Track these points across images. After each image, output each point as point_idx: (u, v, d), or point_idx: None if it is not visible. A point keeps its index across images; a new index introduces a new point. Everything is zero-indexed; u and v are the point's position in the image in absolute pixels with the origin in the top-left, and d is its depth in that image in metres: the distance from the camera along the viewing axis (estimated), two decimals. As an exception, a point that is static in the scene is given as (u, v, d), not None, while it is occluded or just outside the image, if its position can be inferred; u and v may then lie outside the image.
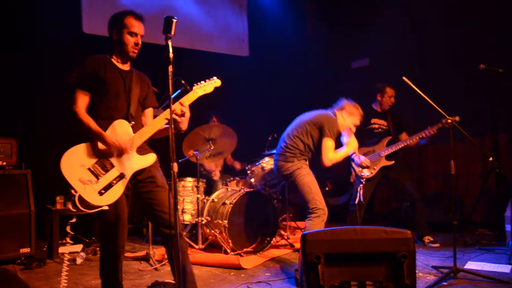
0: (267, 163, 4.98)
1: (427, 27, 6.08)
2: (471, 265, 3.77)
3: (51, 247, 4.34)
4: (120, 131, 2.60)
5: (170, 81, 2.41)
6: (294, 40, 7.33)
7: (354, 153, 4.46)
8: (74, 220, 4.36)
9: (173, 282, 3.26)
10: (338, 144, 3.94)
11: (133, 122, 2.66)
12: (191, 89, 2.90)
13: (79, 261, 4.13)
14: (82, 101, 2.55)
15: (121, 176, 2.54)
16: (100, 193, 2.46)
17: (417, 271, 3.54)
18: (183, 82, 4.16)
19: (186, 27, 6.23)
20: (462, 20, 5.68)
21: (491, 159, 4.56)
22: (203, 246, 4.54)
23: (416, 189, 4.81)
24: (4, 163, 4.12)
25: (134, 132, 2.65)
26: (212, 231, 4.47)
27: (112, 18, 2.75)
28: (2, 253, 3.97)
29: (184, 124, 2.68)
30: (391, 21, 6.47)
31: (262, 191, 4.77)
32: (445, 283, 3.28)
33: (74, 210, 2.47)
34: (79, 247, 4.49)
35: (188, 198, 4.96)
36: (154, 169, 2.74)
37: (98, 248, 4.38)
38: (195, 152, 4.70)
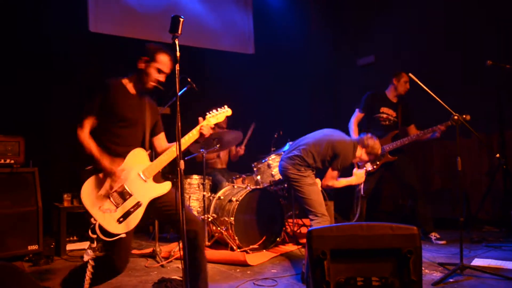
0: (273, 160, 4.99)
1: (433, 24, 6.04)
2: (477, 262, 3.76)
3: (59, 244, 4.38)
4: (138, 159, 2.63)
5: (177, 79, 2.43)
6: (300, 37, 7.32)
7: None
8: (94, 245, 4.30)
9: (180, 278, 3.29)
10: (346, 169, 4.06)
11: (149, 150, 2.71)
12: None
13: (86, 258, 4.14)
14: (88, 123, 2.57)
15: (138, 205, 2.56)
16: (119, 221, 2.49)
17: (423, 268, 3.52)
18: (189, 80, 4.17)
19: (192, 25, 6.23)
20: (469, 16, 5.64)
21: (498, 155, 4.53)
22: (209, 243, 4.56)
23: (418, 185, 4.79)
24: (12, 161, 4.16)
25: (151, 160, 2.69)
26: (219, 228, 4.49)
27: (146, 46, 2.74)
28: (11, 250, 4.01)
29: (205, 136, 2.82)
30: (397, 18, 6.45)
31: (268, 188, 4.77)
32: (451, 280, 3.27)
33: (93, 237, 2.47)
34: (86, 244, 4.51)
35: (194, 195, 4.98)
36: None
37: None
38: (201, 150, 4.72)
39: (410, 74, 3.64)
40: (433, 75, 5.20)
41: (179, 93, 2.47)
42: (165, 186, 2.68)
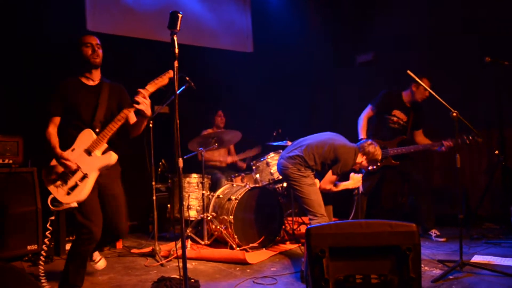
0: (272, 158, 4.98)
1: (432, 21, 6.03)
2: (477, 259, 3.76)
3: (58, 244, 4.37)
4: (85, 138, 3.03)
5: (175, 76, 2.42)
6: (298, 36, 7.30)
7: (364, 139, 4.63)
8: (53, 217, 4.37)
9: (179, 277, 3.28)
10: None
11: (97, 129, 3.06)
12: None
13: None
14: (53, 123, 3.10)
15: (84, 177, 2.96)
16: (68, 193, 2.94)
17: (422, 265, 3.53)
18: (187, 78, 4.16)
19: (190, 24, 6.23)
20: (467, 13, 5.63)
21: (497, 152, 4.53)
22: (208, 242, 4.56)
23: (424, 181, 4.80)
24: (11, 161, 4.15)
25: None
26: (218, 227, 4.49)
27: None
28: (10, 250, 4.00)
29: (147, 110, 3.00)
30: (396, 15, 6.43)
31: (267, 186, 4.77)
32: (451, 277, 3.27)
33: (52, 208, 2.95)
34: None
35: (194, 194, 4.98)
36: (114, 175, 3.23)
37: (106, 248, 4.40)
38: (200, 149, 4.71)
39: (409, 72, 3.63)
40: (432, 72, 5.18)
41: (178, 92, 2.47)
42: (109, 156, 3.03)
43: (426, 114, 4.97)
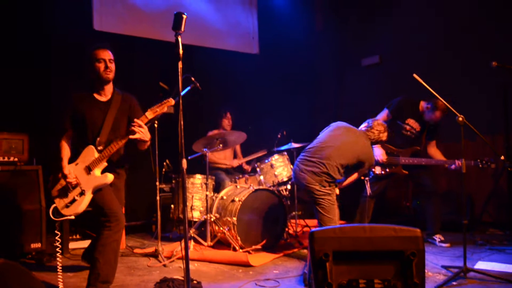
0: (277, 160, 4.98)
1: (438, 24, 6.01)
2: (481, 265, 3.74)
3: (62, 242, 4.37)
4: (87, 154, 3.12)
5: (180, 77, 2.42)
6: (304, 37, 7.30)
7: (378, 146, 4.58)
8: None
9: (182, 278, 3.28)
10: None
11: (100, 147, 3.13)
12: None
13: (89, 256, 4.16)
14: (67, 136, 3.23)
15: (82, 193, 3.08)
16: (67, 206, 3.09)
17: (426, 271, 3.51)
18: (193, 79, 4.17)
19: (196, 25, 6.24)
20: (474, 17, 5.61)
21: (502, 157, 4.50)
22: (211, 243, 4.56)
23: (432, 185, 4.77)
24: (16, 159, 4.17)
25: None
26: (221, 228, 4.48)
27: (86, 58, 3.19)
28: (14, 248, 4.01)
29: (145, 135, 3.06)
30: (402, 17, 6.42)
31: (271, 188, 4.76)
32: (454, 283, 3.26)
33: (53, 218, 3.12)
34: (87, 243, 4.52)
35: (197, 195, 4.98)
36: (120, 185, 3.39)
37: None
38: (204, 149, 4.71)
39: (415, 75, 3.61)
40: (439, 76, 5.16)
41: (182, 93, 2.47)
42: (104, 178, 3.11)
43: (440, 127, 4.88)
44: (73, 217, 3.13)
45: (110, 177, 3.13)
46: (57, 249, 3.17)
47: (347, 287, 2.13)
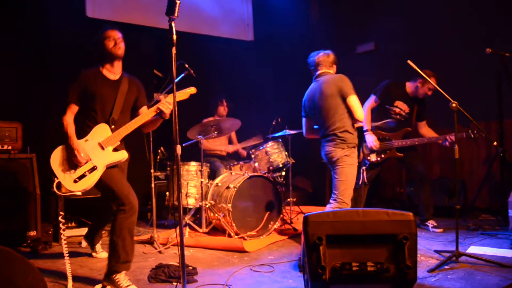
0: (271, 147, 4.99)
1: (432, 11, 6.00)
2: (473, 250, 3.78)
3: (57, 230, 4.39)
4: (100, 132, 3.09)
5: (173, 63, 2.42)
6: (299, 24, 7.27)
7: (369, 130, 4.55)
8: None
9: (177, 264, 3.31)
10: None
11: (113, 126, 3.12)
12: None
13: (84, 244, 4.18)
14: (71, 111, 3.13)
15: (94, 168, 3.01)
16: (75, 181, 2.98)
17: (419, 255, 3.55)
18: (186, 66, 4.14)
19: (190, 11, 6.19)
20: (470, 2, 5.60)
21: (495, 143, 4.54)
22: (207, 230, 4.58)
23: (425, 172, 4.81)
24: (10, 147, 4.14)
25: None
26: (216, 215, 4.50)
27: (93, 43, 3.21)
28: (9, 236, 4.01)
29: (168, 113, 3.07)
30: (396, 4, 6.40)
31: (266, 175, 4.78)
32: (447, 267, 3.30)
33: (58, 193, 2.98)
34: (84, 231, 4.53)
35: (192, 182, 4.99)
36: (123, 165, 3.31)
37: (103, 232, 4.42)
38: (199, 136, 4.71)
39: (409, 62, 3.61)
40: (433, 62, 5.17)
41: (176, 80, 2.46)
42: (121, 154, 3.12)
43: (426, 105, 4.96)
44: (80, 193, 3.10)
45: (125, 154, 3.15)
46: (61, 230, 3.12)
47: (340, 270, 2.16)
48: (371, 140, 4.62)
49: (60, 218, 3.15)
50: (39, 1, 5.11)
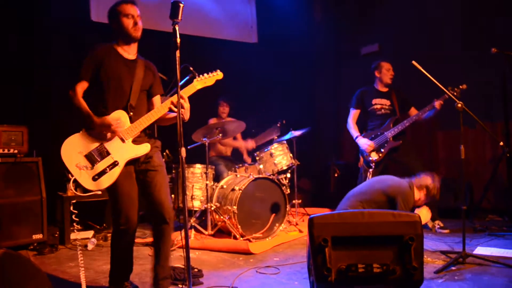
0: (276, 149, 4.99)
1: (437, 11, 5.98)
2: (480, 251, 3.76)
3: (63, 233, 4.40)
4: (117, 121, 2.67)
5: (177, 66, 2.42)
6: (303, 26, 7.27)
7: (358, 136, 4.66)
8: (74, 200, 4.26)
9: (182, 266, 3.31)
10: None
11: (131, 113, 2.72)
12: (198, 76, 2.95)
13: (90, 246, 4.19)
14: (81, 87, 2.67)
15: (115, 164, 2.64)
16: (94, 179, 2.60)
17: (425, 256, 3.54)
18: (191, 69, 4.14)
19: (194, 14, 6.21)
20: (474, 3, 5.58)
21: (501, 143, 4.51)
22: (212, 232, 4.58)
23: (423, 169, 4.78)
24: (16, 151, 4.17)
25: (132, 122, 2.72)
26: (221, 217, 4.50)
27: (108, 13, 2.87)
28: (16, 239, 4.03)
29: (186, 114, 2.72)
30: (400, 5, 6.38)
31: (271, 177, 4.78)
32: (453, 268, 3.28)
33: (73, 192, 2.68)
34: (90, 233, 4.55)
35: (197, 184, 4.99)
36: (153, 152, 2.84)
37: (109, 234, 4.43)
38: (203, 139, 4.72)
39: (414, 62, 3.60)
40: (437, 63, 5.14)
41: (181, 83, 2.47)
42: (144, 148, 2.74)
43: (416, 101, 4.99)
44: (100, 192, 2.84)
45: (146, 148, 2.74)
46: (74, 229, 2.96)
47: (346, 271, 2.15)
48: (363, 143, 4.79)
49: (74, 223, 2.98)
50: (43, 4, 5.14)
